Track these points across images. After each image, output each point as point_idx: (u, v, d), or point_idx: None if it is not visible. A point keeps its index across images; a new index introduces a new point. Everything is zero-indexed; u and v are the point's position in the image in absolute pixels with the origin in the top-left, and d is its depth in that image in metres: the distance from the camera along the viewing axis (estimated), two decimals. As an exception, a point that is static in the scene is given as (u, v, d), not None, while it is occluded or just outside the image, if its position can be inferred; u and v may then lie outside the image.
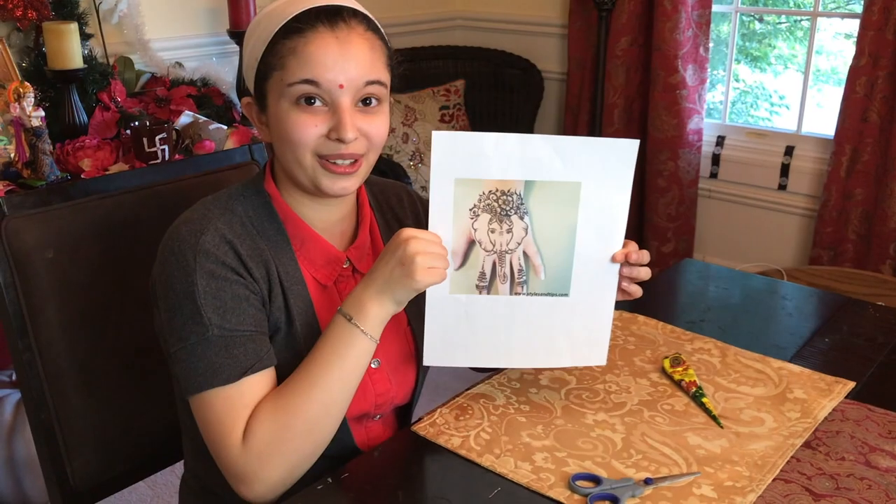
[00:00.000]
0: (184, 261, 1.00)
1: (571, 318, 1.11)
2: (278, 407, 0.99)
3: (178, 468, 1.28)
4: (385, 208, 1.22)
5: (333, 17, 1.02)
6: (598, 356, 1.14)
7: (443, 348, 1.10)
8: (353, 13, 1.04)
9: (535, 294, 1.09)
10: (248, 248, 1.04)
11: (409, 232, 1.00)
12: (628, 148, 1.05)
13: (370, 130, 1.04)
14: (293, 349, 1.06)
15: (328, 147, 1.02)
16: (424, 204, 1.26)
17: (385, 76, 1.06)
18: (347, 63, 1.01)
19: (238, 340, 1.00)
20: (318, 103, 1.01)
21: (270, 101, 1.04)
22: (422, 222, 1.23)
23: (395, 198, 1.24)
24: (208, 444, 1.01)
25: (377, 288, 1.00)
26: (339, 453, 1.10)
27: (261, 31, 1.04)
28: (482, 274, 1.08)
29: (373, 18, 1.07)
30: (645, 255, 1.10)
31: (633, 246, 1.09)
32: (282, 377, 1.03)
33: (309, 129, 1.01)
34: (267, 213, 1.08)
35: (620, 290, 1.11)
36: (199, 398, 0.99)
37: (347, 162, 1.04)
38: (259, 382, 1.01)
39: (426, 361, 1.11)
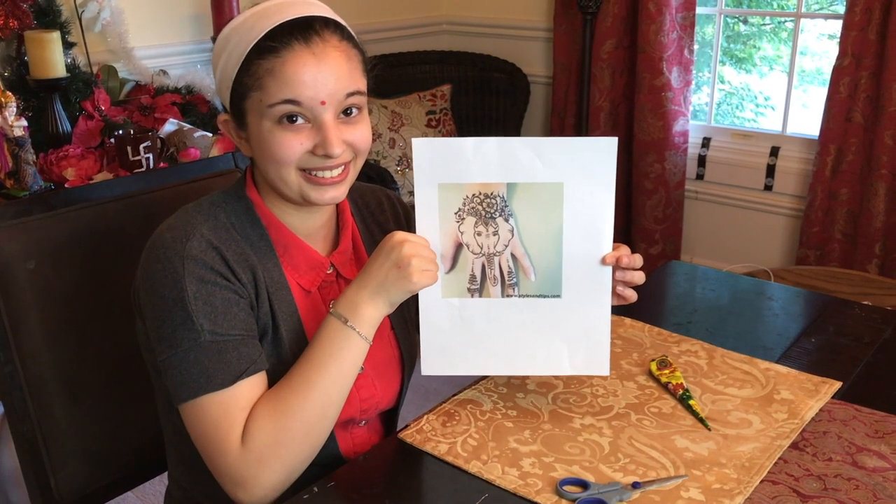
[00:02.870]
0: (171, 267, 0.99)
1: (567, 321, 1.10)
2: (276, 410, 0.98)
3: (166, 478, 1.27)
4: (366, 213, 1.22)
5: (306, 31, 1.00)
6: (599, 365, 1.12)
7: (440, 357, 1.10)
8: (325, 23, 1.02)
9: (527, 296, 1.09)
10: (233, 254, 1.03)
11: (401, 235, 1.01)
12: (608, 146, 1.05)
13: (355, 139, 1.04)
14: (278, 354, 1.06)
15: (313, 161, 1.03)
16: (405, 207, 1.26)
17: (363, 84, 1.06)
18: (327, 79, 1.00)
19: (230, 345, 0.99)
20: (300, 121, 1.01)
21: (250, 120, 1.03)
22: (403, 225, 1.23)
23: (376, 202, 1.24)
24: (203, 451, 1.00)
25: (371, 290, 1.01)
26: (325, 461, 1.10)
27: (232, 49, 1.02)
28: (472, 276, 1.08)
29: (345, 25, 1.06)
30: (637, 259, 1.09)
31: (625, 249, 1.09)
32: (268, 382, 1.03)
33: (294, 147, 1.01)
34: (250, 220, 1.08)
35: (615, 294, 1.10)
36: (193, 405, 0.98)
37: (336, 172, 1.04)
38: (253, 386, 1.00)
39: (424, 371, 1.11)
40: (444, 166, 1.04)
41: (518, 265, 1.08)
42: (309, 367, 1.00)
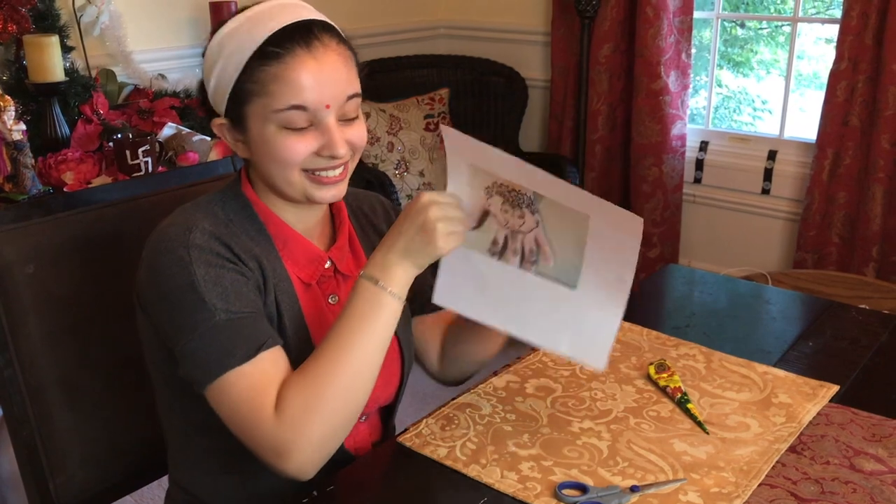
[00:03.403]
0: (177, 257, 1.00)
1: (577, 311, 1.08)
2: (309, 375, 0.98)
3: (165, 482, 1.27)
4: (359, 214, 1.24)
5: (307, 35, 1.02)
6: (598, 359, 1.09)
7: (452, 293, 1.09)
8: (323, 27, 1.04)
9: (545, 276, 1.07)
10: (236, 245, 1.04)
11: (429, 196, 1.01)
12: (635, 225, 1.01)
13: (354, 139, 1.07)
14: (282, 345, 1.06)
15: (318, 162, 1.05)
16: (398, 213, 1.26)
17: (359, 85, 1.08)
18: (330, 83, 1.02)
19: (245, 322, 1.00)
20: (304, 124, 1.03)
21: (252, 124, 1.04)
22: None
23: (369, 205, 1.26)
24: (237, 428, 0.99)
25: (399, 253, 1.01)
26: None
27: (229, 55, 1.03)
28: (495, 241, 1.07)
29: (338, 28, 1.08)
30: None
31: None
32: None
33: (299, 150, 1.03)
34: (248, 216, 1.09)
35: None
36: (219, 383, 0.98)
37: (338, 171, 1.06)
38: (275, 358, 1.00)
39: (434, 299, 1.10)
40: (476, 155, 1.03)
41: (540, 250, 1.07)
42: (341, 331, 1.00)
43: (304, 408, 0.96)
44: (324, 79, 1.01)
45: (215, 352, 0.98)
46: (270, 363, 0.99)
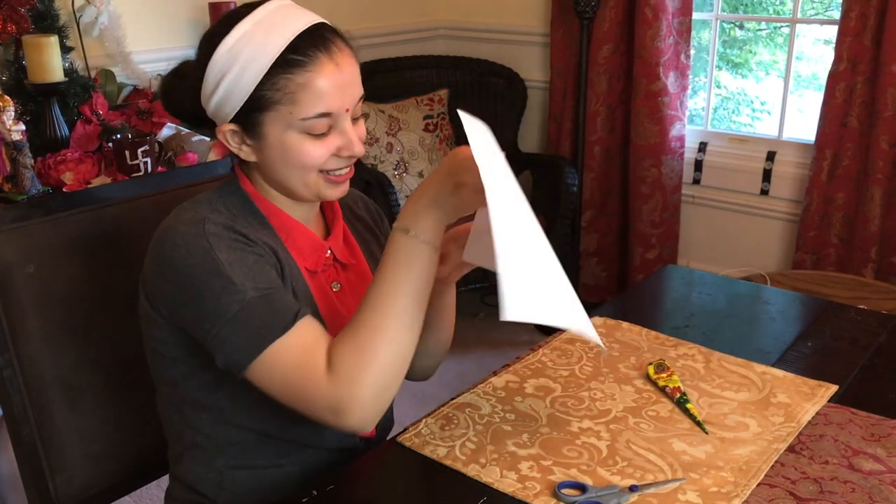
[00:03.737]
0: (196, 246, 1.00)
1: (574, 298, 1.07)
2: (355, 330, 0.99)
3: (164, 482, 1.27)
4: (344, 208, 1.26)
5: (324, 40, 1.03)
6: (599, 339, 1.10)
7: (481, 251, 1.06)
8: (332, 30, 1.06)
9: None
10: (248, 233, 1.05)
11: (466, 151, 1.00)
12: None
13: (362, 136, 1.10)
14: None
15: (335, 163, 1.07)
16: (380, 211, 1.32)
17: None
18: (348, 87, 1.05)
19: (275, 296, 1.00)
20: (326, 129, 1.05)
21: (269, 131, 1.04)
22: (378, 227, 1.30)
23: (351, 199, 1.29)
24: (291, 397, 0.99)
25: (428, 200, 1.01)
26: (339, 445, 1.14)
27: (245, 64, 1.01)
28: None
29: (339, 29, 1.09)
30: None
31: None
32: None
33: (321, 154, 1.05)
34: (249, 210, 1.10)
35: None
36: (265, 358, 0.98)
37: (347, 169, 1.10)
38: (312, 323, 1.01)
39: (464, 257, 1.09)
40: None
41: None
42: (380, 284, 1.00)
43: (356, 362, 0.97)
44: (344, 83, 1.04)
45: (254, 328, 0.98)
46: (310, 329, 1.00)
